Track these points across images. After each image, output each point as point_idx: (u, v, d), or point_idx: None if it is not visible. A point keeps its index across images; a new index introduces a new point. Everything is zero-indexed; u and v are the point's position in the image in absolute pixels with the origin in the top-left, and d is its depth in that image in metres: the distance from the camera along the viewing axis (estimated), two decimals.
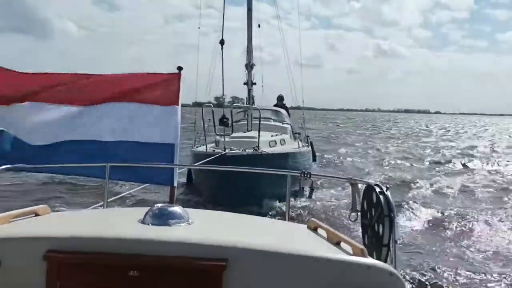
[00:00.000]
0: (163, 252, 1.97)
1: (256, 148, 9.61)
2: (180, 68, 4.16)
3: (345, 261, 2.00)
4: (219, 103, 15.09)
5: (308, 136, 15.18)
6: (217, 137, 10.84)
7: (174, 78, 4.10)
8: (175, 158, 3.90)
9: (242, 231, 2.57)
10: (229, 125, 10.07)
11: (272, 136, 11.87)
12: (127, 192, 7.22)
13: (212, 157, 8.34)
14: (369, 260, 2.02)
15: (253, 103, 14.88)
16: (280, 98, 16.38)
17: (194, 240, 2.03)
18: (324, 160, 19.56)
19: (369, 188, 2.87)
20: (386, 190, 2.73)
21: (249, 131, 11.96)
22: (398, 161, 20.42)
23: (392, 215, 2.60)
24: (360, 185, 3.16)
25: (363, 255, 2.05)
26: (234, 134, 11.39)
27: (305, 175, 3.47)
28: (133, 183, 4.97)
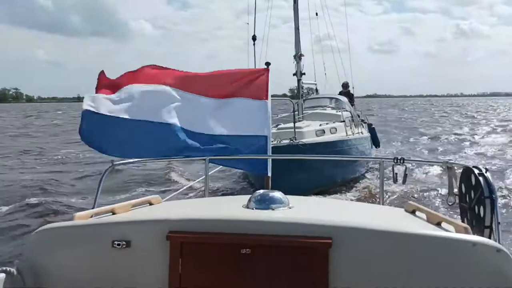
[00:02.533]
0: (271, 232, 2.13)
1: (292, 138, 9.59)
2: (268, 64, 4.33)
3: (449, 238, 2.02)
4: (293, 94, 15.25)
5: (367, 123, 14.86)
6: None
7: (262, 73, 4.26)
8: (268, 149, 4.05)
9: (342, 213, 2.67)
10: None
11: (321, 125, 11.65)
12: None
13: None
14: (475, 237, 2.02)
15: (303, 93, 14.76)
16: (345, 85, 16.26)
17: (301, 220, 2.17)
18: None
19: (467, 171, 2.85)
20: (486, 172, 2.70)
21: (300, 121, 11.84)
22: None
23: (493, 196, 2.57)
24: (456, 168, 3.14)
25: (467, 233, 2.07)
26: (282, 125, 11.47)
27: (398, 160, 3.49)
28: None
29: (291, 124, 11.15)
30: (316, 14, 16.44)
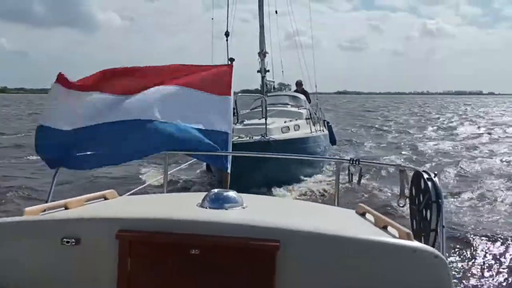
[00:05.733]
0: (221, 232, 2.15)
1: (263, 135, 9.86)
2: (232, 60, 4.31)
3: (391, 244, 2.10)
4: (266, 90, 15.42)
5: (325, 120, 15.30)
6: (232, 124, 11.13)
7: (226, 70, 4.25)
8: (229, 146, 4.05)
9: (294, 215, 2.72)
10: (235, 115, 10.38)
11: (285, 122, 12.00)
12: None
13: None
14: (414, 243, 2.10)
15: (267, 90, 15.09)
16: (299, 84, 16.45)
17: (249, 222, 2.19)
18: None
19: (417, 175, 2.95)
20: (434, 177, 2.80)
21: (264, 117, 12.23)
22: None
23: (440, 201, 2.67)
24: (408, 172, 3.24)
25: (409, 239, 2.14)
26: (247, 122, 11.71)
27: (354, 161, 3.57)
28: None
29: (257, 121, 11.35)
30: (276, 12, 16.57)
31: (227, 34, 12.58)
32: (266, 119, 10.22)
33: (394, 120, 40.55)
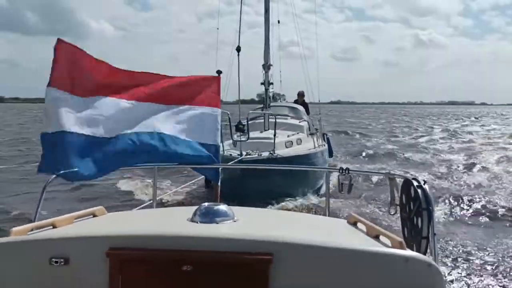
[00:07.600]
0: (212, 247, 2.12)
1: (271, 152, 9.89)
2: (219, 72, 4.29)
3: (384, 253, 2.09)
4: (261, 99, 15.43)
5: (324, 133, 15.36)
6: (235, 137, 10.95)
7: (214, 81, 4.23)
8: (219, 158, 4.03)
9: (285, 227, 2.70)
10: (245, 131, 10.45)
11: (288, 136, 12.03)
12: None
13: (231, 162, 8.53)
14: (408, 252, 2.10)
15: (271, 102, 15.14)
16: (301, 94, 16.43)
17: (241, 236, 2.17)
18: None
19: (407, 182, 2.95)
20: (424, 184, 2.80)
21: (266, 130, 12.08)
22: None
23: (430, 208, 2.67)
24: (398, 179, 3.24)
25: (402, 248, 2.13)
26: (251, 135, 11.50)
27: (344, 171, 3.56)
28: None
29: (260, 134, 11.52)
30: (278, 21, 16.61)
31: (238, 49, 12.61)
32: (275, 135, 10.18)
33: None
